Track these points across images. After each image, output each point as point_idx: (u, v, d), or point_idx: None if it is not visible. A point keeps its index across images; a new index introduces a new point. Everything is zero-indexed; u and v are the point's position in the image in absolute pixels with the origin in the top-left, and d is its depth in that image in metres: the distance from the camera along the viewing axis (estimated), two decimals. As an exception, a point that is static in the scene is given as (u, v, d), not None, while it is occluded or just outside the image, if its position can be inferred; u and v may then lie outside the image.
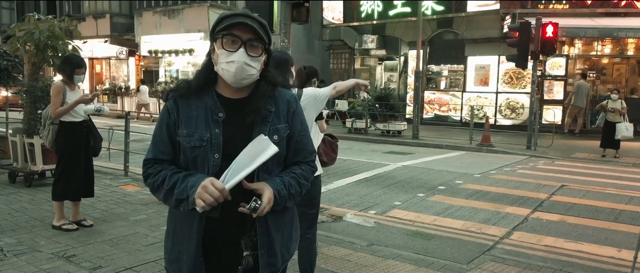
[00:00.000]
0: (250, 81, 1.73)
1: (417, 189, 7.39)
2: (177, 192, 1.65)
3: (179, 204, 1.66)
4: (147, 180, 1.76)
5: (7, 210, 5.39)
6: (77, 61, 4.88)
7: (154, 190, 1.75)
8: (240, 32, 1.67)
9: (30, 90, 6.68)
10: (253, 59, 1.68)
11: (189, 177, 1.66)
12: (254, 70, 1.70)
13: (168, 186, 1.68)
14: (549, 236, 5.22)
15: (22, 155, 6.73)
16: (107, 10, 22.98)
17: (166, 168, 1.73)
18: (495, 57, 15.93)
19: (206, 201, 1.55)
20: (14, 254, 4.06)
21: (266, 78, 1.78)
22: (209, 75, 1.75)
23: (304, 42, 20.78)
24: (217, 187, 1.56)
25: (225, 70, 1.68)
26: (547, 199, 6.89)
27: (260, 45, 1.70)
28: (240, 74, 1.67)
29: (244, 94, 1.77)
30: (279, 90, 1.82)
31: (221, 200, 1.57)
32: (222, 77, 1.72)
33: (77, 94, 4.79)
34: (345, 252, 4.46)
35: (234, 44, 1.67)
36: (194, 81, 1.76)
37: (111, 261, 3.99)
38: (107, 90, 24.00)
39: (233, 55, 1.66)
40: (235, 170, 1.60)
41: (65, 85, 4.72)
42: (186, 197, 1.62)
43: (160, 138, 1.77)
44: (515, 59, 11.81)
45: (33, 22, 6.79)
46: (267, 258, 1.75)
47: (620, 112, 10.50)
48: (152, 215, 5.35)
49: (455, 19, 16.58)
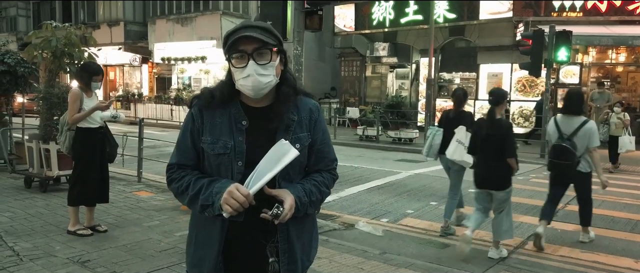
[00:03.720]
0: (270, 87, 1.74)
1: (429, 197, 7.34)
2: (203, 198, 1.67)
3: (204, 210, 1.68)
4: (170, 184, 1.79)
5: (23, 215, 5.45)
6: (94, 68, 4.96)
7: (178, 195, 1.78)
8: (245, 46, 1.68)
9: (47, 97, 6.78)
10: (264, 67, 1.69)
11: (213, 183, 1.69)
12: (269, 76, 1.71)
13: (193, 192, 1.70)
14: (564, 246, 5.16)
15: (38, 161, 6.81)
16: (121, 18, 23.30)
17: (190, 174, 1.75)
18: (508, 65, 15.84)
19: (233, 207, 1.58)
20: (30, 259, 4.10)
21: (287, 81, 1.79)
22: (231, 90, 1.77)
23: (315, 49, 20.85)
24: (242, 193, 1.58)
25: (243, 86, 1.71)
26: (562, 209, 6.80)
27: (267, 51, 1.70)
28: (257, 85, 1.69)
29: (267, 101, 1.78)
30: (301, 99, 1.83)
31: (246, 205, 1.59)
32: (244, 92, 1.74)
33: (93, 101, 4.86)
34: (358, 260, 4.44)
35: (242, 59, 1.68)
36: (218, 94, 1.77)
37: (125, 267, 4.01)
38: (121, 97, 24.25)
39: (245, 70, 1.67)
40: (258, 176, 1.62)
41: (82, 92, 4.79)
42: (212, 203, 1.64)
43: (184, 144, 1.80)
44: (528, 66, 11.72)
45: (50, 29, 6.90)
46: (288, 265, 1.76)
47: (624, 124, 10.08)
48: (166, 221, 5.39)
49: (467, 26, 16.53)
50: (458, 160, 5.44)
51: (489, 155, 4.75)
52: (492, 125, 4.78)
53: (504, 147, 4.67)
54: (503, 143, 4.68)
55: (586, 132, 4.99)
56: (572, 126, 5.05)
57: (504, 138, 4.69)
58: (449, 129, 5.61)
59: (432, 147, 5.78)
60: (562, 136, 5.05)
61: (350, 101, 20.37)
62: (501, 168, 4.71)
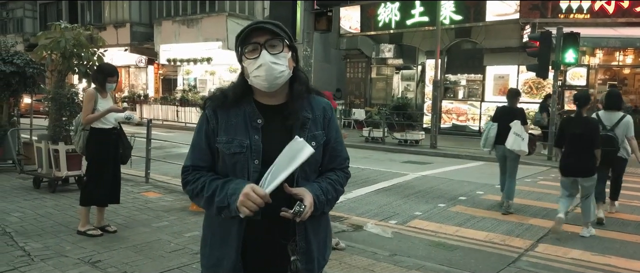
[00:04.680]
0: (283, 80, 1.73)
1: (437, 199, 7.32)
2: (218, 200, 1.67)
3: (221, 212, 1.68)
4: (186, 187, 1.78)
5: (33, 215, 5.47)
6: (110, 69, 4.96)
7: (193, 197, 1.77)
8: (257, 37, 1.71)
9: (56, 98, 6.80)
10: (277, 56, 1.70)
11: (228, 183, 1.68)
12: (283, 67, 1.71)
13: (208, 193, 1.70)
14: (575, 249, 5.12)
15: (46, 161, 6.83)
16: (127, 19, 23.39)
17: (205, 175, 1.75)
18: (515, 67, 15.81)
19: (250, 208, 1.58)
20: (41, 259, 4.11)
21: (299, 79, 1.80)
22: (244, 89, 1.77)
23: (320, 50, 20.84)
24: (258, 194, 1.58)
25: (256, 77, 1.70)
26: (572, 211, 6.76)
27: (279, 42, 1.72)
28: (270, 74, 1.69)
29: (280, 99, 1.78)
30: (314, 97, 1.83)
31: (263, 205, 1.59)
32: (257, 87, 1.74)
33: (108, 102, 4.87)
34: (368, 262, 4.42)
35: (255, 50, 1.70)
36: (231, 94, 1.77)
37: (136, 267, 4.01)
38: (126, 98, 24.32)
39: (258, 60, 1.69)
40: (273, 174, 1.61)
41: (97, 93, 4.80)
42: (227, 205, 1.64)
43: (198, 145, 1.79)
44: (535, 68, 11.70)
45: (59, 30, 6.92)
46: (306, 264, 1.75)
47: None
48: (174, 222, 5.39)
49: (473, 28, 16.50)
50: (516, 150, 6.40)
51: (578, 148, 5.55)
52: (583, 123, 5.60)
53: (592, 141, 5.49)
54: (591, 138, 5.50)
55: (625, 125, 6.13)
56: (613, 120, 6.16)
57: (592, 134, 5.52)
58: (502, 123, 6.56)
59: (487, 139, 6.70)
60: (606, 128, 6.08)
61: (356, 103, 20.36)
62: (588, 160, 5.51)
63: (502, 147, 6.54)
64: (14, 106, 8.50)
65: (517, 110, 6.71)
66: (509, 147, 6.38)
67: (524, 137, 6.43)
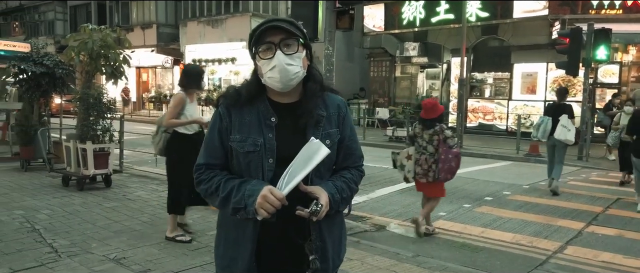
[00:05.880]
0: (297, 80, 1.71)
1: (462, 200, 7.19)
2: (234, 201, 1.65)
3: (237, 213, 1.66)
4: (199, 186, 1.77)
5: (61, 212, 5.59)
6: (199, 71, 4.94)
7: (207, 196, 1.76)
8: (271, 37, 1.68)
9: (84, 98, 6.94)
10: (291, 57, 1.67)
11: (244, 184, 1.66)
12: (297, 67, 1.69)
13: (223, 194, 1.68)
14: (606, 251, 4.95)
15: (75, 160, 6.99)
16: (154, 21, 23.80)
17: (219, 175, 1.73)
18: (544, 64, 15.43)
19: (268, 210, 1.57)
20: (67, 255, 4.19)
21: (313, 77, 1.78)
22: (258, 87, 1.76)
23: (343, 50, 20.78)
24: (276, 196, 1.56)
25: (270, 77, 1.69)
26: (602, 212, 6.56)
27: (294, 41, 1.69)
28: (285, 76, 1.67)
29: (294, 97, 1.76)
30: (328, 95, 1.81)
31: (280, 207, 1.58)
32: (271, 86, 1.72)
33: (194, 106, 4.76)
34: (390, 262, 4.36)
35: (269, 50, 1.68)
36: (245, 92, 1.76)
37: (159, 265, 4.05)
38: (153, 98, 24.75)
39: (272, 60, 1.66)
40: (290, 176, 1.60)
41: (185, 98, 4.66)
42: (244, 207, 1.62)
43: (211, 143, 1.78)
44: (565, 66, 11.38)
45: (87, 32, 7.08)
46: (321, 264, 1.72)
47: None
48: (198, 220, 5.43)
49: (500, 25, 16.18)
50: (563, 139, 7.55)
51: None
52: None
53: None
54: None
55: None
56: None
57: None
58: (554, 117, 7.69)
59: (545, 131, 7.81)
60: None
61: (380, 102, 20.22)
62: None
63: (552, 138, 7.69)
64: (45, 106, 8.73)
65: (565, 105, 7.85)
66: (556, 137, 7.54)
67: (571, 128, 7.50)
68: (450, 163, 5.17)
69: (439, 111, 5.24)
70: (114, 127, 7.36)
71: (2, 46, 9.29)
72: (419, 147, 5.30)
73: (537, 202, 7.16)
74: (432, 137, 5.19)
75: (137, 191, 6.86)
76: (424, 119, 5.31)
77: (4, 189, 6.71)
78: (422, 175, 5.31)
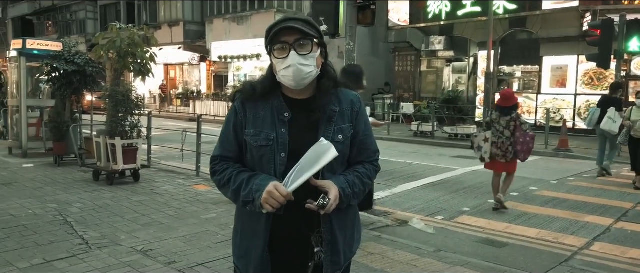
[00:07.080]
0: (311, 79, 1.75)
1: (487, 195, 7.10)
2: (244, 195, 1.71)
3: (246, 205, 1.73)
4: (213, 176, 1.84)
5: (92, 206, 5.79)
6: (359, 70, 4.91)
7: (220, 187, 1.83)
8: (286, 37, 1.71)
9: (113, 95, 7.14)
10: (305, 57, 1.70)
11: (253, 178, 1.72)
12: (311, 67, 1.72)
13: (234, 186, 1.75)
14: (635, 248, 4.83)
15: (105, 156, 7.20)
16: (181, 18, 24.18)
17: (232, 167, 1.80)
18: (574, 57, 15.02)
19: (272, 206, 1.62)
20: (97, 247, 4.35)
21: (328, 74, 1.81)
22: (273, 83, 1.80)
23: (367, 44, 20.69)
24: (281, 193, 1.61)
25: (284, 76, 1.73)
26: (633, 208, 6.39)
27: (308, 42, 1.72)
28: (298, 75, 1.71)
29: (308, 94, 1.80)
30: (342, 91, 1.84)
31: (285, 203, 1.63)
32: (285, 84, 1.76)
33: None
34: (411, 257, 4.37)
35: (283, 50, 1.71)
36: (259, 87, 1.80)
37: (184, 257, 4.16)
38: (180, 94, 25.15)
39: (286, 60, 1.70)
40: (298, 173, 1.64)
41: None
42: (252, 200, 1.68)
43: (227, 136, 1.84)
44: (596, 58, 11.08)
45: (115, 31, 7.27)
46: (331, 257, 1.77)
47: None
48: (222, 214, 5.54)
49: (529, 17, 15.80)
50: (607, 129, 8.22)
51: None
52: None
53: None
54: None
55: None
56: None
57: None
58: (604, 108, 8.41)
59: (592, 120, 8.71)
60: None
61: (405, 96, 20.07)
62: None
63: (598, 128, 8.47)
64: (76, 103, 9.01)
65: (614, 99, 8.61)
66: (601, 127, 8.26)
67: (617, 120, 8.04)
68: (529, 144, 5.86)
69: (515, 100, 6.00)
70: (142, 123, 7.55)
71: (36, 45, 9.60)
72: (496, 132, 5.99)
73: (565, 197, 7.02)
74: (508, 123, 5.89)
75: (165, 186, 7.03)
76: (501, 107, 6.02)
77: (39, 184, 6.98)
78: (501, 156, 6.00)
